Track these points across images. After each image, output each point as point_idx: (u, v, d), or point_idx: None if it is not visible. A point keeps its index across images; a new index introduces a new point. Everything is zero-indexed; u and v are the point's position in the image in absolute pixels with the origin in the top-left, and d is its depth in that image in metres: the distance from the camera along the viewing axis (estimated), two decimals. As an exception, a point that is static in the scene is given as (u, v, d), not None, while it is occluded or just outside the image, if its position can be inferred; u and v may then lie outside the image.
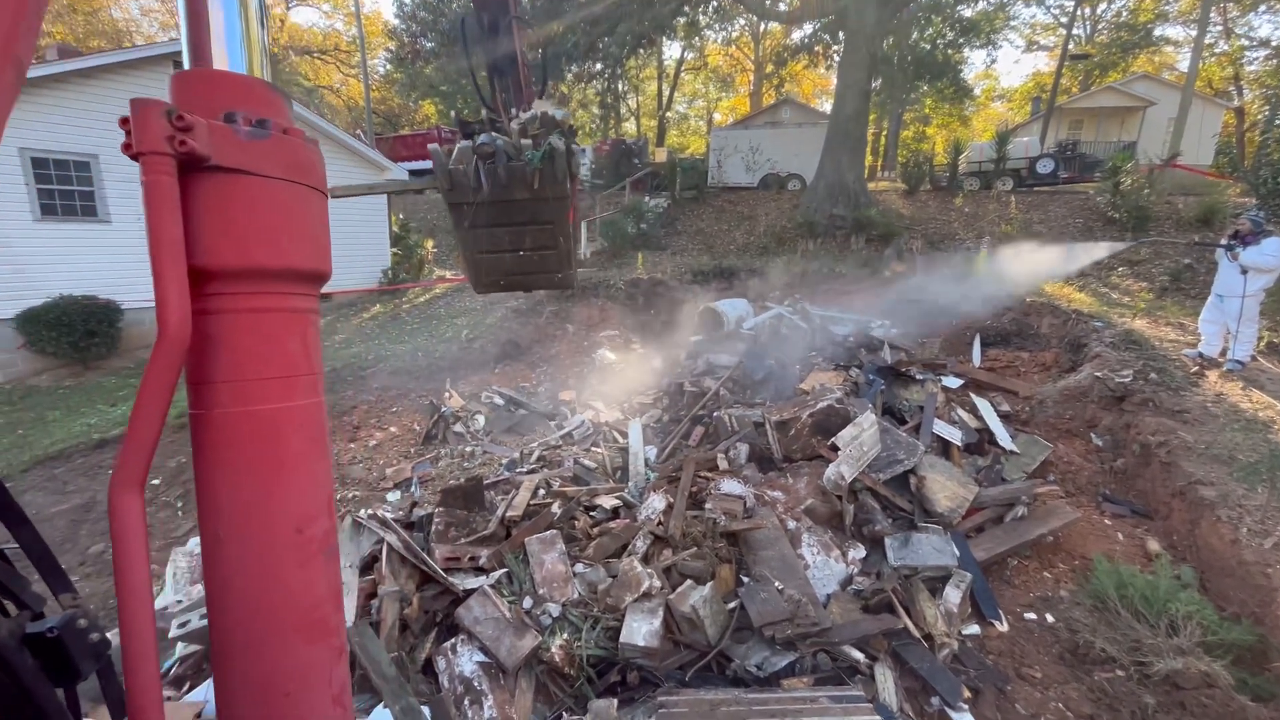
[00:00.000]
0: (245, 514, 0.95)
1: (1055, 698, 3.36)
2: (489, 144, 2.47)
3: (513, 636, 3.15)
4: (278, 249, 0.95)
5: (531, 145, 2.49)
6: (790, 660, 3.27)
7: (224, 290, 0.92)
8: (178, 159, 0.84)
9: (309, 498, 1.01)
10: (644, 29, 17.27)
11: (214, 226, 0.89)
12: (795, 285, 11.50)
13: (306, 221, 1.00)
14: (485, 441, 6.75)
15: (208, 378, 0.93)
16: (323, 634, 1.02)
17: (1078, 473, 5.57)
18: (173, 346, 0.84)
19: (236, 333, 0.94)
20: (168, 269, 0.84)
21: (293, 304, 1.00)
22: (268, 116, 0.93)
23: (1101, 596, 3.95)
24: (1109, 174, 13.74)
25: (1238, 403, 5.60)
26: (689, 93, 44.78)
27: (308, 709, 0.99)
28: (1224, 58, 30.08)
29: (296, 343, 1.01)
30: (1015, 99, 39.69)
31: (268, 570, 0.97)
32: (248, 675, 0.96)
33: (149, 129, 0.81)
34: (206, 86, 0.93)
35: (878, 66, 16.42)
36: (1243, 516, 4.13)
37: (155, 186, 0.82)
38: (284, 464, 0.99)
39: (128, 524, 0.81)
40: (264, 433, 0.97)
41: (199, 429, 0.95)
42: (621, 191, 19.93)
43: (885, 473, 4.53)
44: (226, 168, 0.89)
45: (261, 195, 0.93)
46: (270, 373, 0.97)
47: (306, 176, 0.99)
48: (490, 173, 2.51)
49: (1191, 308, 8.94)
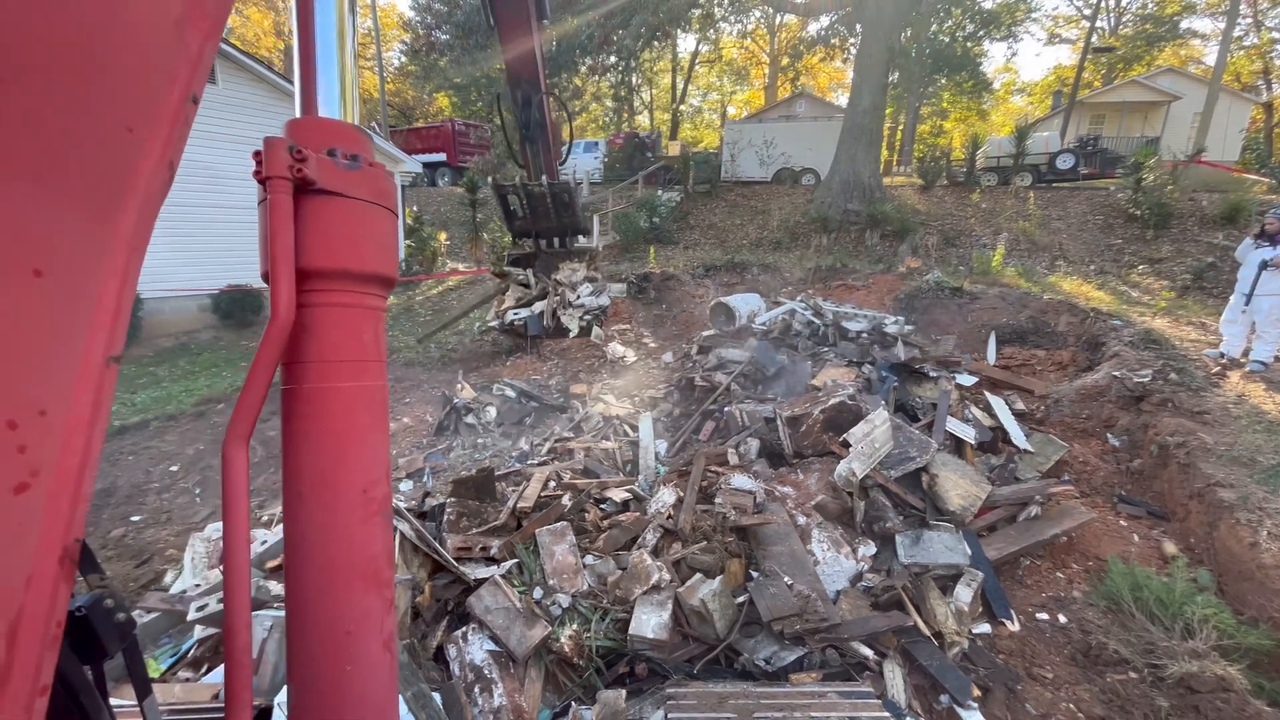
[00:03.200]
0: (323, 476, 1.13)
1: (1066, 698, 3.33)
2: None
3: (523, 626, 3.18)
4: (361, 256, 1.16)
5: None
6: (799, 655, 3.27)
7: (318, 287, 1.12)
8: (294, 183, 1.05)
9: (374, 465, 1.20)
10: (659, 21, 17.17)
11: (315, 236, 1.10)
12: (808, 281, 11.43)
13: (383, 236, 1.22)
14: (496, 433, 6.80)
15: (300, 358, 1.12)
16: (378, 584, 1.19)
17: (1093, 473, 5.50)
18: (283, 327, 1.04)
19: (325, 322, 1.13)
20: (282, 267, 1.04)
21: (369, 302, 1.21)
22: (359, 153, 1.17)
23: (1115, 598, 3.92)
24: (1131, 170, 13.50)
25: (1260, 404, 5.50)
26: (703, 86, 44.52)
27: (363, 648, 1.15)
28: (1253, 50, 29.37)
29: (370, 334, 1.21)
30: (1035, 93, 39.04)
31: (338, 524, 1.14)
32: (316, 615, 1.13)
33: (275, 159, 1.03)
34: (315, 129, 1.17)
35: (895, 59, 16.23)
36: (1263, 520, 4.06)
37: (277, 204, 1.04)
38: (355, 434, 1.17)
39: (236, 470, 0.99)
40: (341, 407, 1.15)
41: (290, 402, 1.13)
42: (634, 185, 19.89)
43: (897, 470, 4.50)
44: (328, 191, 1.10)
45: (352, 214, 1.15)
46: (349, 356, 1.16)
47: (385, 200, 1.21)
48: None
49: (1214, 307, 8.78)
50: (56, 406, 0.70)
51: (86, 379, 0.74)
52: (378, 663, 1.18)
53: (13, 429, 0.65)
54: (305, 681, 1.12)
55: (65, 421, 0.71)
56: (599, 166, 23.22)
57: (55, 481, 0.70)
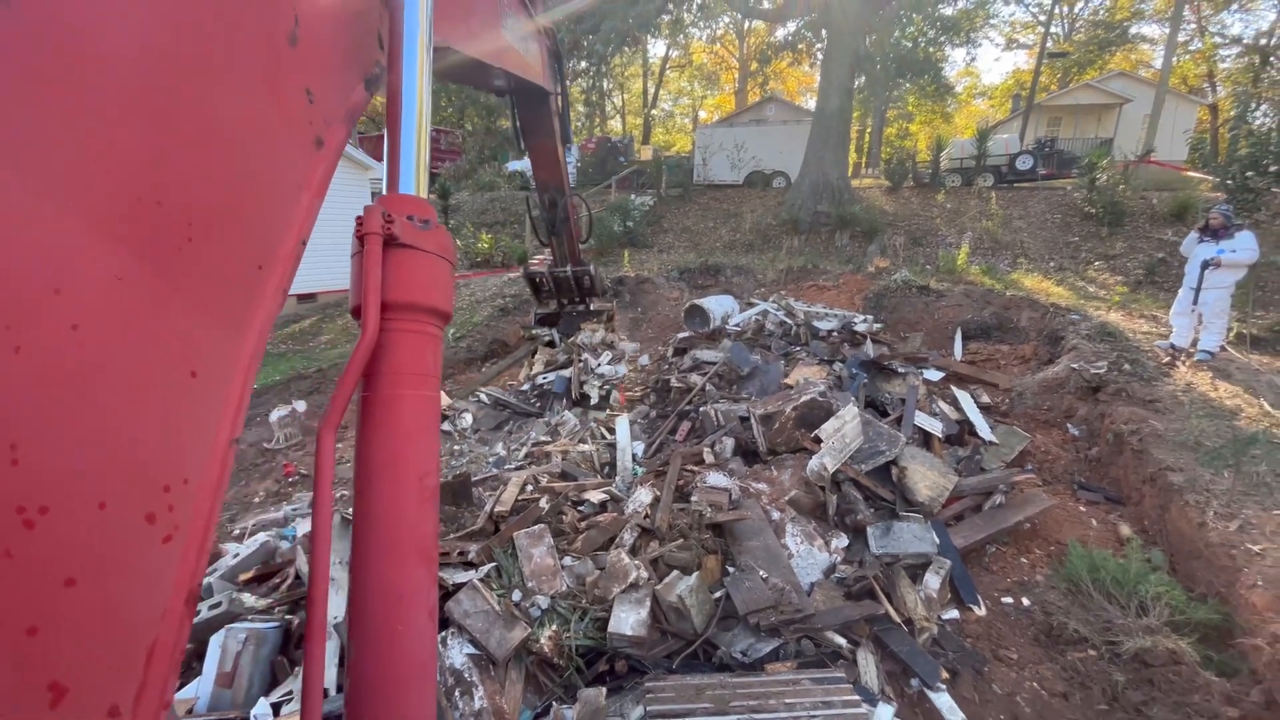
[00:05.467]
0: (388, 464, 1.40)
1: (1030, 677, 3.47)
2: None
3: (502, 629, 3.20)
4: (429, 294, 1.49)
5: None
6: (775, 646, 3.35)
7: (395, 317, 1.42)
8: (384, 238, 1.38)
9: (428, 458, 1.47)
10: (629, 27, 17.29)
11: (396, 277, 1.41)
12: (780, 282, 11.62)
13: (444, 281, 1.55)
14: (473, 439, 6.77)
15: (378, 370, 1.41)
16: (427, 560, 1.43)
17: (1054, 461, 5.72)
18: (369, 345, 1.33)
19: (399, 344, 1.43)
20: (371, 299, 1.34)
21: (431, 330, 1.52)
22: (429, 218, 1.53)
23: (1075, 580, 4.08)
24: (1086, 170, 14.02)
25: (1206, 392, 5.78)
26: (674, 90, 44.87)
27: (413, 614, 1.37)
28: (1198, 55, 30.69)
29: (430, 355, 1.52)
30: (996, 96, 40.23)
31: (398, 505, 1.39)
32: (378, 581, 1.35)
33: (372, 221, 1.37)
34: (399, 201, 1.52)
35: (860, 64, 16.58)
36: (1209, 500, 4.28)
37: (370, 253, 1.36)
38: (415, 433, 1.44)
39: (326, 451, 1.23)
40: (406, 410, 1.42)
41: (366, 406, 1.41)
42: (607, 189, 19.96)
43: (867, 464, 4.62)
44: (407, 244, 1.44)
45: (423, 262, 1.48)
46: (414, 370, 1.45)
47: (446, 254, 1.56)
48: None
49: (1165, 300, 9.18)
50: (195, 477, 0.90)
51: (217, 456, 0.95)
52: (424, 628, 1.39)
53: (166, 491, 0.84)
54: (363, 638, 1.33)
55: (200, 489, 0.91)
56: (573, 171, 23.21)
57: (189, 535, 0.88)
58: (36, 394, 0.69)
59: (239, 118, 1.02)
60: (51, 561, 0.69)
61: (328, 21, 1.34)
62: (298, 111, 1.20)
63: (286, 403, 7.18)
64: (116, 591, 0.78)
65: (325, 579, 1.19)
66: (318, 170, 1.25)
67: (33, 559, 0.67)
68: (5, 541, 0.65)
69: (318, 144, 1.26)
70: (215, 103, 0.96)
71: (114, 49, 0.80)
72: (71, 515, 0.72)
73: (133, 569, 0.80)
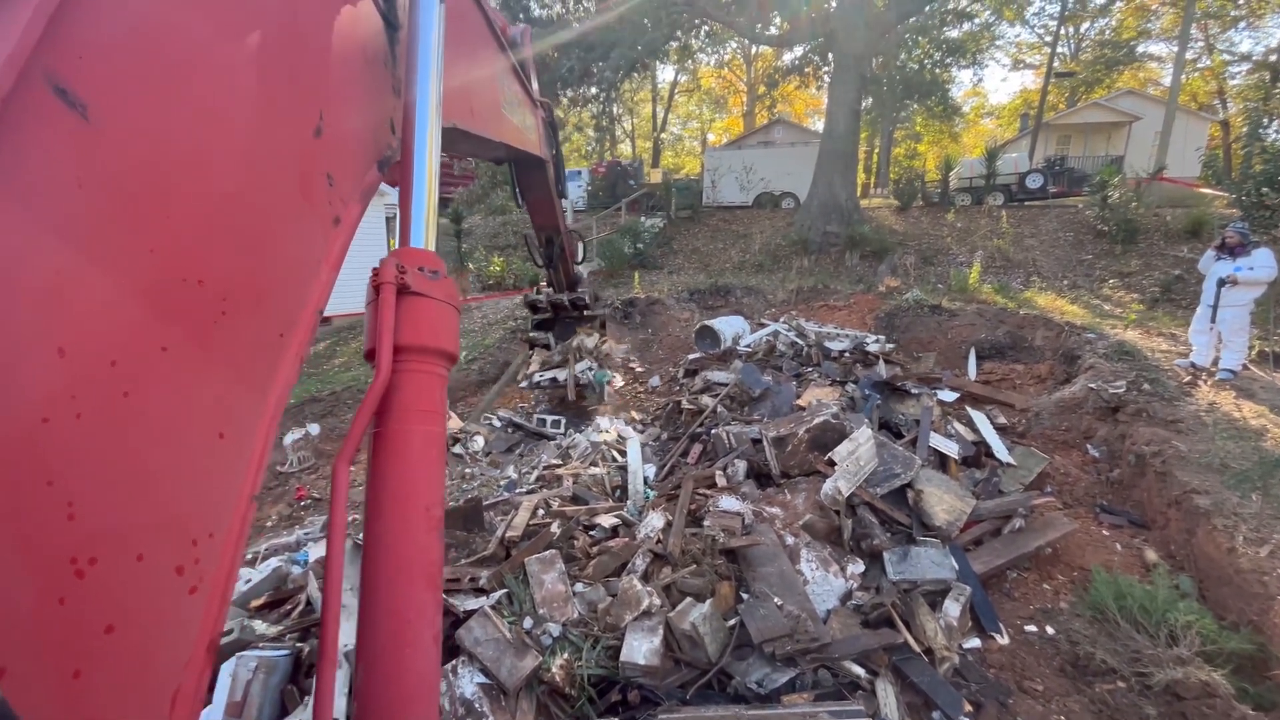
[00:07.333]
0: (397, 495, 1.45)
1: (1057, 710, 3.35)
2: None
3: (513, 657, 3.16)
4: (437, 338, 1.57)
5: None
6: (791, 676, 3.27)
7: (405, 358, 1.50)
8: (397, 286, 1.48)
9: (435, 489, 1.53)
10: (637, 54, 17.62)
11: (408, 322, 1.50)
12: (791, 302, 11.61)
13: (450, 326, 1.65)
14: (484, 463, 6.77)
15: (388, 408, 1.48)
16: (433, 585, 1.49)
17: (1075, 484, 5.60)
18: (383, 384, 1.41)
19: (409, 383, 1.50)
20: (385, 342, 1.42)
21: (438, 370, 1.60)
22: (437, 269, 1.64)
23: (1100, 608, 3.96)
24: (1097, 188, 13.95)
25: (1230, 411, 5.66)
26: (683, 114, 45.52)
27: (419, 636, 1.42)
28: (1207, 72, 30.68)
29: (437, 394, 1.59)
30: (1004, 116, 40.35)
31: (406, 533, 1.44)
32: (387, 605, 1.40)
33: (387, 271, 1.48)
34: (411, 254, 1.63)
35: (867, 86, 16.76)
36: (1238, 525, 4.16)
37: (385, 300, 1.45)
38: (421, 465, 1.50)
39: (340, 481, 1.29)
40: (415, 444, 1.50)
41: (378, 440, 1.48)
42: (618, 212, 20.16)
43: (882, 487, 4.56)
44: (418, 292, 1.53)
45: (431, 309, 1.57)
46: (423, 408, 1.52)
47: (453, 301, 1.67)
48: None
49: (1183, 318, 9.04)
50: (219, 531, 0.96)
51: (239, 512, 1.01)
52: (429, 650, 1.45)
53: (194, 545, 0.90)
54: (370, 659, 1.39)
55: (223, 543, 0.96)
56: (583, 194, 23.54)
57: (213, 587, 0.93)
58: (91, 455, 0.75)
59: (271, 204, 1.14)
60: (96, 610, 0.74)
61: (348, 113, 1.49)
62: (320, 195, 1.33)
63: (300, 426, 7.23)
64: (148, 639, 0.83)
65: (337, 606, 1.25)
66: (335, 246, 1.38)
67: (81, 607, 0.72)
68: (60, 590, 0.70)
69: (335, 222, 1.39)
70: (253, 194, 1.08)
71: (179, 154, 0.92)
72: (115, 566, 0.77)
73: (162, 618, 0.85)
